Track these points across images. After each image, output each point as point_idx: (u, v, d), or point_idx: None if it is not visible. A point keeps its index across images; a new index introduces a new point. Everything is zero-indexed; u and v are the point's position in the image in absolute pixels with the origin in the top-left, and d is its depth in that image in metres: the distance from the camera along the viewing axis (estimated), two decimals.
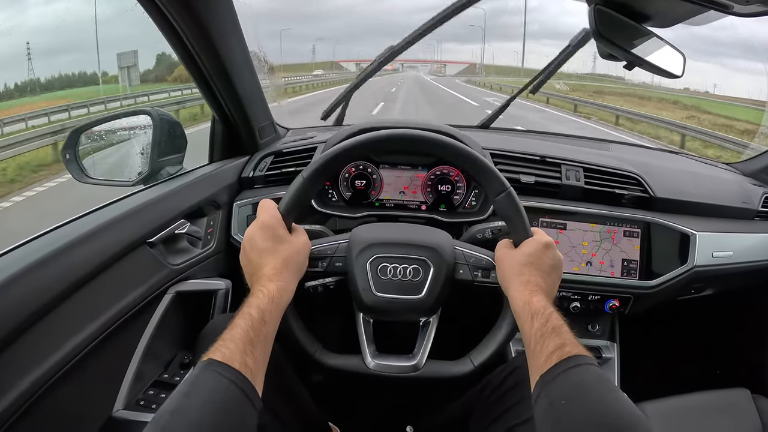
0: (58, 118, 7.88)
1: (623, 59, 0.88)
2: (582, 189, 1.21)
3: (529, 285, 0.74)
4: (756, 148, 2.05)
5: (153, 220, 0.99)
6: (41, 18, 6.34)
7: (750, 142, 6.32)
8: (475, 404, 0.88)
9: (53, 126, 6.97)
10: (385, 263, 0.83)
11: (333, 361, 0.84)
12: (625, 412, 0.56)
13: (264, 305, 0.66)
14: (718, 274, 1.21)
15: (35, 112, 7.92)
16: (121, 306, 0.88)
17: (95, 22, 9.56)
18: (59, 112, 8.27)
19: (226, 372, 0.57)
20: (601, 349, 1.28)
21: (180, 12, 0.95)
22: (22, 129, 7.03)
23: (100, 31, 8.67)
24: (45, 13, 8.43)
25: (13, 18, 5.88)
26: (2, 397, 0.66)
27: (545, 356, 0.63)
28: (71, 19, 4.10)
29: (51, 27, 6.15)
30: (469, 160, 0.81)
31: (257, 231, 0.75)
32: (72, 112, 8.37)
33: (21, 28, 6.14)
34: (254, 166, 1.30)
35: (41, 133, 6.47)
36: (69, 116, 8.15)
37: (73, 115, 8.16)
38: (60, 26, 5.23)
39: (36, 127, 7.06)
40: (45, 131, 6.54)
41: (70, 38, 7.19)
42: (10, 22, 6.66)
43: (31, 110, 7.97)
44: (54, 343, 0.75)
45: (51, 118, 7.83)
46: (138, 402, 0.94)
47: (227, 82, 1.15)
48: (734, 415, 1.06)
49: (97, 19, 7.59)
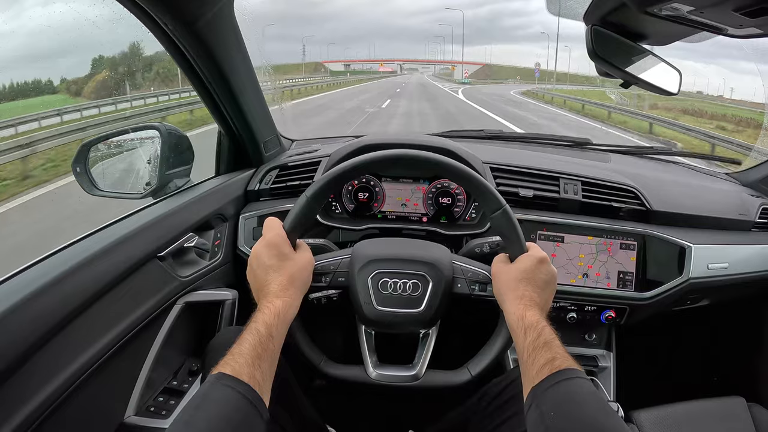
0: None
1: (619, 78, 0.91)
2: (580, 202, 1.23)
3: (524, 299, 0.76)
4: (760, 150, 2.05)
5: (163, 234, 1.02)
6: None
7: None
8: (473, 414, 0.91)
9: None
10: (386, 278, 0.86)
11: (336, 372, 0.88)
12: (611, 425, 0.59)
13: (271, 321, 0.70)
14: (714, 286, 1.22)
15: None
16: (133, 318, 0.91)
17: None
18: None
19: (235, 385, 0.61)
20: (597, 358, 1.30)
21: (186, 37, 1.00)
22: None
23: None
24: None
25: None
26: (24, 406, 0.70)
27: (537, 369, 0.66)
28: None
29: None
30: (467, 178, 0.85)
31: (263, 249, 0.78)
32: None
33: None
34: (260, 179, 1.33)
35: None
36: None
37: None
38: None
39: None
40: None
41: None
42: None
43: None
44: (71, 355, 0.78)
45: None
46: (148, 408, 0.98)
47: (232, 99, 1.19)
48: (729, 424, 1.07)
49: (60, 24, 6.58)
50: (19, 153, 5.26)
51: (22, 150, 5.28)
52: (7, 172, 5.26)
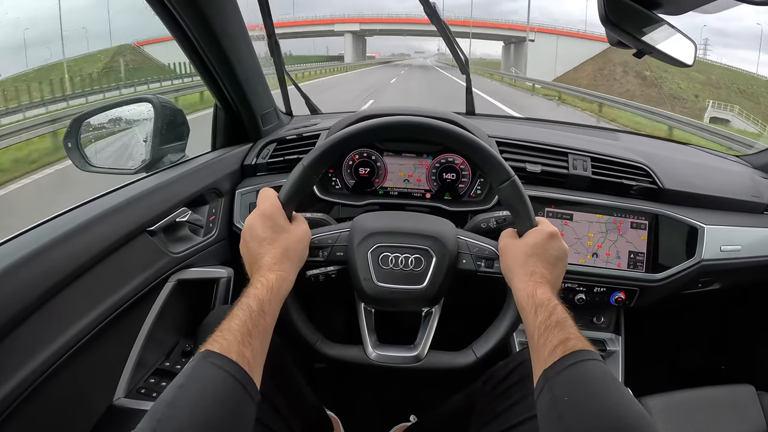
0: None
1: (633, 47, 0.86)
2: (589, 179, 1.19)
3: (534, 276, 0.72)
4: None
5: (153, 208, 0.98)
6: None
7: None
8: (478, 398, 0.87)
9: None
10: (387, 253, 0.82)
11: (334, 352, 0.84)
12: (629, 411, 0.55)
13: (263, 296, 0.66)
14: (726, 269, 1.19)
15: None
16: (122, 294, 0.87)
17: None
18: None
19: (222, 363, 0.57)
20: (605, 342, 1.27)
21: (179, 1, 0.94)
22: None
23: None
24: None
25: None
26: (4, 383, 0.66)
27: (549, 350, 0.62)
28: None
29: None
30: (473, 147, 0.80)
31: (257, 220, 0.74)
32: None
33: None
34: (257, 154, 1.29)
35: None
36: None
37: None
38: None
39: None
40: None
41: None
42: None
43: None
44: (54, 331, 0.74)
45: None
46: (139, 390, 0.94)
47: (228, 68, 1.14)
48: (738, 412, 1.05)
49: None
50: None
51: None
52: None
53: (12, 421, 0.67)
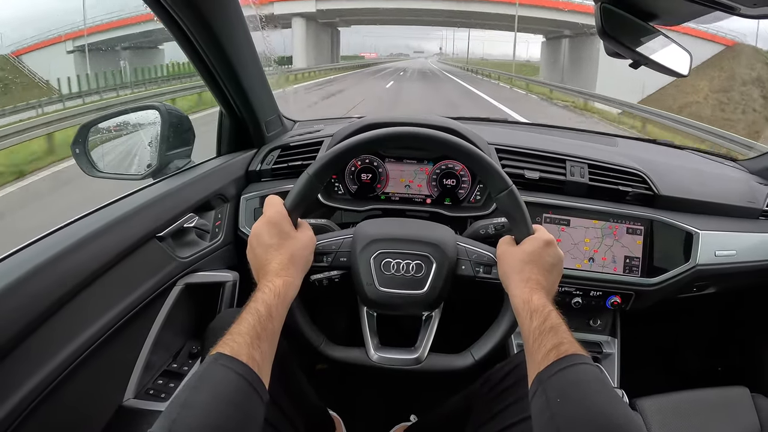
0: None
1: (629, 58, 0.88)
2: (586, 185, 1.21)
3: (530, 283, 0.75)
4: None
5: (162, 214, 1.00)
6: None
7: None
8: (475, 400, 0.90)
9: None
10: (389, 259, 0.84)
11: (337, 354, 0.86)
12: (619, 413, 0.57)
13: (270, 300, 0.68)
14: (721, 273, 1.21)
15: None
16: (132, 299, 0.90)
17: None
18: None
19: (234, 365, 0.59)
20: (601, 345, 1.29)
21: (182, 7, 0.96)
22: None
23: None
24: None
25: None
26: (20, 387, 0.68)
27: (542, 354, 0.65)
28: None
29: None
30: (472, 157, 0.82)
31: (264, 227, 0.76)
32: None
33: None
34: (261, 160, 1.31)
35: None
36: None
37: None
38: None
39: None
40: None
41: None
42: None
43: None
44: (67, 336, 0.77)
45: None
46: (147, 391, 0.97)
47: (233, 75, 1.16)
48: (733, 414, 1.07)
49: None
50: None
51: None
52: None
53: (29, 422, 0.69)
